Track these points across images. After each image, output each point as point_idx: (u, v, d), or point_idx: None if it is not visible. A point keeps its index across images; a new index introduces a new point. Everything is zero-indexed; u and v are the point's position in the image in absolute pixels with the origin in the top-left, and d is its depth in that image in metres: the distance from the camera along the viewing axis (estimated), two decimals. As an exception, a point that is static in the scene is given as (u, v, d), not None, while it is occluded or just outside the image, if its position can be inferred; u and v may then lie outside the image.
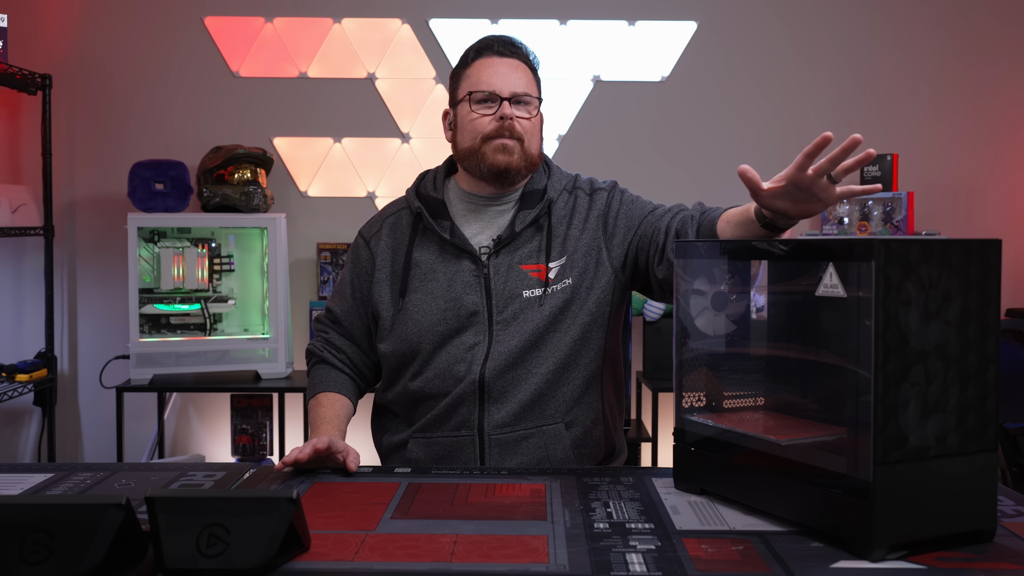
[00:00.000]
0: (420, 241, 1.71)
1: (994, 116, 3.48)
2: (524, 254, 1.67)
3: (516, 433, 1.62)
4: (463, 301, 1.64)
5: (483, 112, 1.66)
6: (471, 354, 1.63)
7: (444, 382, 1.64)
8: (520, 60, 1.70)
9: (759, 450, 1.23)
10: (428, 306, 1.65)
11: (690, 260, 1.36)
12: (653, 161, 3.48)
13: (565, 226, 1.70)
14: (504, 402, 1.62)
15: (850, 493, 1.08)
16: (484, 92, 1.65)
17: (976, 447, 1.11)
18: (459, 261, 1.67)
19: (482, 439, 1.62)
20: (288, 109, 3.49)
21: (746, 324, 1.32)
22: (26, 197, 3.32)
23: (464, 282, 1.65)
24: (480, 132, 1.65)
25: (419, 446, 1.67)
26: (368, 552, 1.11)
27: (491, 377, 1.61)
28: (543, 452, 1.63)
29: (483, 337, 1.64)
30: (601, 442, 1.71)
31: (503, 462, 1.62)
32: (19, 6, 3.42)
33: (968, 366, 1.10)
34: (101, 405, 3.47)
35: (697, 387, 1.37)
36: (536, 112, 1.69)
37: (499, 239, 1.67)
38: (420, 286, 1.67)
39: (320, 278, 3.39)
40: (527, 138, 1.66)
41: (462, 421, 1.62)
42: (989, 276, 1.11)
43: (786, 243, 1.21)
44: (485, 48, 1.69)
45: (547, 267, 1.65)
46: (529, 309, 1.64)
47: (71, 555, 1.00)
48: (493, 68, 1.66)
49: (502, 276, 1.66)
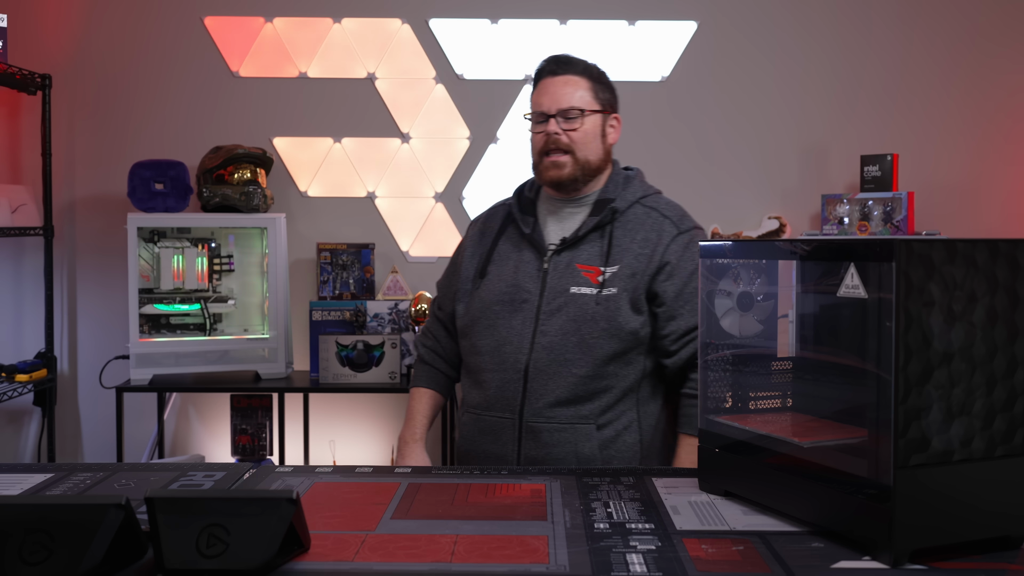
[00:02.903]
0: (507, 233, 1.95)
1: (994, 116, 3.47)
2: (584, 256, 1.85)
3: (551, 424, 1.78)
4: (521, 287, 1.85)
5: (537, 130, 1.88)
6: (519, 338, 1.82)
7: (493, 359, 1.83)
8: (571, 74, 1.89)
9: (782, 452, 1.23)
10: (494, 286, 1.88)
11: (714, 261, 1.36)
12: (653, 161, 3.46)
13: (628, 239, 1.85)
14: (543, 394, 1.79)
15: (871, 497, 1.07)
16: (536, 113, 1.88)
17: (1003, 451, 1.10)
18: (529, 254, 1.89)
19: (521, 424, 1.80)
20: (288, 109, 3.49)
21: (771, 326, 1.32)
22: (26, 197, 3.31)
23: (527, 272, 1.86)
24: (536, 149, 1.89)
25: (471, 419, 1.88)
26: (368, 552, 1.11)
27: (535, 369, 1.79)
28: (572, 447, 1.78)
29: (530, 324, 1.82)
30: (636, 449, 1.82)
31: (536, 449, 1.79)
32: (19, 6, 3.42)
33: (994, 369, 1.08)
34: (101, 405, 3.47)
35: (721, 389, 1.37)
36: (583, 122, 1.85)
37: (564, 240, 1.87)
38: (494, 270, 1.91)
39: (320, 278, 3.39)
40: (578, 148, 1.85)
41: (506, 404, 1.81)
42: (1017, 277, 1.09)
43: (808, 243, 1.20)
44: (541, 71, 1.92)
45: (601, 270, 1.82)
46: (573, 304, 1.80)
47: (71, 555, 1.00)
48: (544, 89, 1.89)
49: (559, 272, 1.84)
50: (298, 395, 3.35)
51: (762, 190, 3.48)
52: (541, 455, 1.78)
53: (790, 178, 3.48)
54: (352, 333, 3.19)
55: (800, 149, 3.48)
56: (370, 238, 3.45)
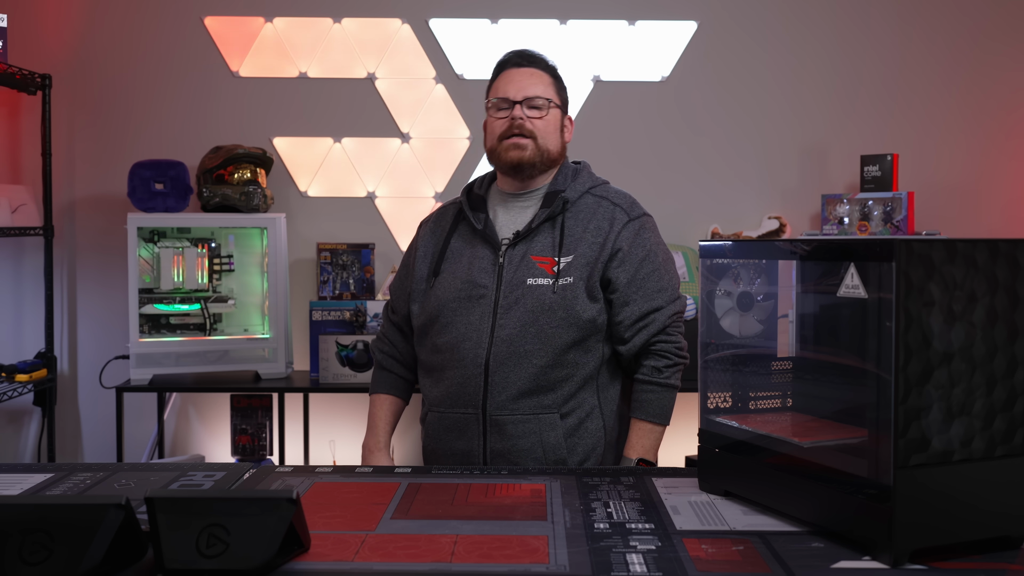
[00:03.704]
0: (459, 231, 1.94)
1: (994, 116, 3.47)
2: (539, 247, 1.85)
3: (515, 417, 1.79)
4: (476, 282, 1.85)
5: (499, 116, 1.89)
6: (477, 333, 1.81)
7: (453, 356, 1.83)
8: (536, 68, 1.92)
9: (782, 452, 1.23)
10: (449, 284, 1.88)
11: (714, 261, 1.36)
12: (653, 161, 3.47)
13: (581, 228, 1.86)
14: (505, 387, 1.79)
15: (871, 497, 1.07)
16: (500, 99, 1.89)
17: (1003, 451, 1.09)
18: (483, 249, 1.88)
19: (485, 418, 1.80)
20: (288, 109, 3.49)
21: (771, 326, 1.32)
22: (26, 197, 3.31)
23: (481, 267, 1.86)
24: (497, 132, 1.89)
25: (435, 417, 1.87)
26: (368, 552, 1.11)
27: (495, 362, 1.79)
28: (537, 437, 1.79)
29: (488, 318, 1.82)
30: (600, 435, 1.84)
31: (501, 442, 1.79)
32: (19, 6, 3.42)
33: (994, 369, 1.08)
34: (101, 405, 3.47)
35: (721, 389, 1.36)
36: (547, 112, 1.89)
37: (518, 233, 1.86)
38: (448, 267, 1.91)
39: (320, 278, 3.39)
40: (540, 135, 1.87)
41: (468, 400, 1.81)
42: (1017, 277, 1.09)
43: (808, 243, 1.20)
44: (505, 62, 1.94)
45: (556, 260, 1.82)
46: (530, 296, 1.80)
47: (71, 555, 1.00)
48: (509, 78, 1.91)
49: (514, 265, 1.84)
50: (298, 395, 3.35)
51: (762, 190, 3.48)
52: (507, 447, 1.79)
53: (790, 178, 3.48)
54: (352, 333, 3.19)
55: (800, 149, 3.48)
56: (370, 238, 3.45)
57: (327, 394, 3.34)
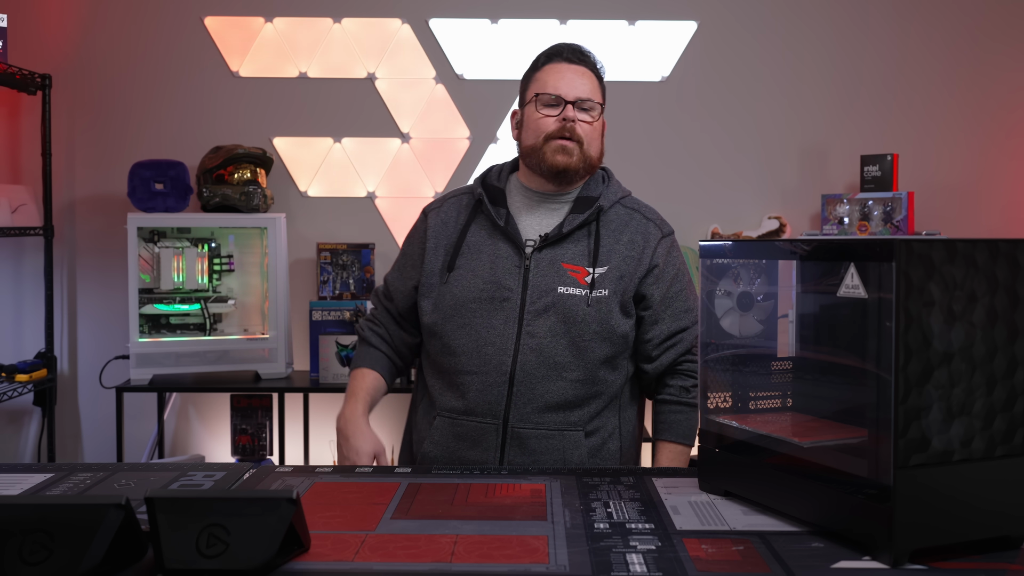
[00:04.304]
0: (476, 224, 1.81)
1: (994, 115, 3.47)
2: (569, 254, 1.76)
3: (539, 431, 1.71)
4: (500, 283, 1.74)
5: (548, 113, 1.77)
6: (501, 339, 1.71)
7: (472, 361, 1.72)
8: (587, 68, 1.81)
9: (782, 452, 1.23)
10: (469, 282, 1.76)
11: (714, 261, 1.36)
12: (653, 161, 3.47)
13: (613, 239, 1.78)
14: (532, 398, 1.70)
15: (870, 497, 1.07)
16: (551, 95, 1.77)
17: (1003, 451, 1.09)
18: (505, 248, 1.77)
19: (505, 430, 1.70)
20: (288, 109, 3.49)
21: (771, 326, 1.32)
22: (26, 197, 3.31)
23: (505, 268, 1.75)
24: (544, 131, 1.76)
25: (445, 424, 1.75)
26: (368, 552, 1.11)
27: (522, 372, 1.70)
28: (560, 455, 1.71)
29: (513, 324, 1.72)
30: (617, 458, 1.80)
31: (521, 456, 1.71)
32: (19, 6, 3.42)
33: (994, 369, 1.08)
34: (101, 405, 3.47)
35: (721, 389, 1.36)
36: (598, 117, 1.81)
37: (546, 236, 1.76)
38: (466, 264, 1.78)
39: (320, 278, 3.39)
40: (587, 141, 1.78)
41: (489, 409, 1.71)
42: (1017, 277, 1.09)
43: (808, 243, 1.20)
44: (555, 54, 1.81)
45: (589, 271, 1.74)
46: (561, 305, 1.71)
47: (71, 555, 1.00)
48: (560, 73, 1.78)
49: (542, 270, 1.74)
50: (298, 395, 3.35)
51: (762, 190, 3.48)
52: (527, 463, 1.70)
53: (790, 178, 3.48)
54: (352, 333, 3.19)
55: (800, 149, 3.48)
56: (370, 238, 3.45)
57: (327, 394, 3.34)
